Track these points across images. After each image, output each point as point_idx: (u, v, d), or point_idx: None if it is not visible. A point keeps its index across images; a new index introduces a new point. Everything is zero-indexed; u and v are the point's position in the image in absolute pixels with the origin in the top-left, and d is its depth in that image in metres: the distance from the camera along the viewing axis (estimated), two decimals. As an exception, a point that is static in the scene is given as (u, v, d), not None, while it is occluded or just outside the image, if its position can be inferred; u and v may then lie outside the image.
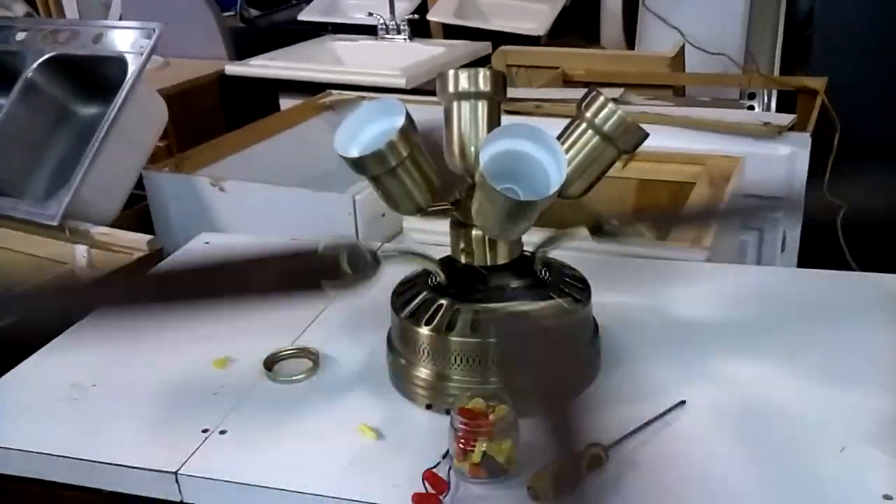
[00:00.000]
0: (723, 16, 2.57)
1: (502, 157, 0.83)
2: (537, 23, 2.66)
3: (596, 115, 0.90)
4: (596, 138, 0.90)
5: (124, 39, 1.65)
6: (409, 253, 0.98)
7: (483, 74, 0.93)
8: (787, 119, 1.68)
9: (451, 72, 0.94)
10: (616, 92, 1.97)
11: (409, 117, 0.86)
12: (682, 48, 2.40)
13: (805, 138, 1.62)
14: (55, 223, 1.53)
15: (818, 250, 1.56)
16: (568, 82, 2.25)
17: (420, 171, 0.90)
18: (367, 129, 0.89)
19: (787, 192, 1.55)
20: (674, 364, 0.99)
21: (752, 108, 2.23)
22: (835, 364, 0.98)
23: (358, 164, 0.87)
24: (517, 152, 0.84)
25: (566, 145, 0.91)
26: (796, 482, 0.80)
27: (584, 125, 0.91)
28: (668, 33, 2.55)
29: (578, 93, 0.93)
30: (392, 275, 1.00)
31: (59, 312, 1.03)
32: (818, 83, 1.94)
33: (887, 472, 0.80)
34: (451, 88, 0.94)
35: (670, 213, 1.24)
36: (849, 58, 2.26)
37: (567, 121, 0.94)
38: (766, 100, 2.34)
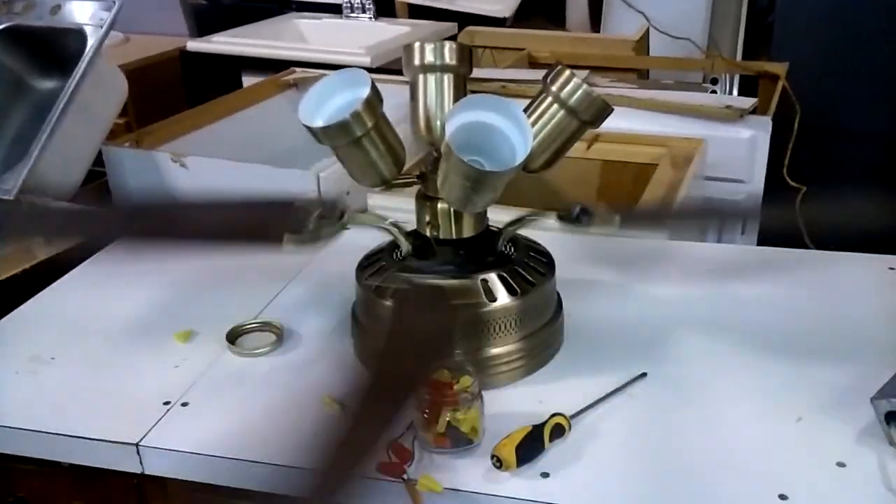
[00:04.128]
0: (687, 1, 2.60)
1: (468, 129, 0.83)
2: (503, 5, 2.66)
3: (561, 89, 0.90)
4: (561, 112, 0.90)
5: (83, 11, 1.61)
6: (374, 216, 0.98)
7: (449, 47, 0.93)
8: (748, 103, 1.70)
9: (417, 44, 0.93)
10: (581, 74, 1.98)
11: (374, 88, 0.86)
12: (647, 32, 2.42)
13: (766, 122, 1.65)
14: (11, 197, 1.50)
15: (777, 231, 1.58)
16: (534, 64, 2.25)
17: (385, 142, 0.89)
18: (332, 99, 0.88)
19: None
20: (636, 338, 1.00)
21: (714, 92, 2.25)
22: (793, 337, 1.00)
23: (322, 134, 0.86)
24: (483, 124, 0.84)
25: (532, 118, 0.91)
26: (753, 452, 0.82)
27: (549, 99, 0.91)
28: (633, 17, 2.56)
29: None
30: (357, 249, 1.00)
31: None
32: (779, 68, 1.97)
33: (841, 440, 0.82)
34: (416, 61, 0.93)
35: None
36: (809, 44, 2.29)
37: (534, 102, 0.94)
38: (728, 84, 2.37)
